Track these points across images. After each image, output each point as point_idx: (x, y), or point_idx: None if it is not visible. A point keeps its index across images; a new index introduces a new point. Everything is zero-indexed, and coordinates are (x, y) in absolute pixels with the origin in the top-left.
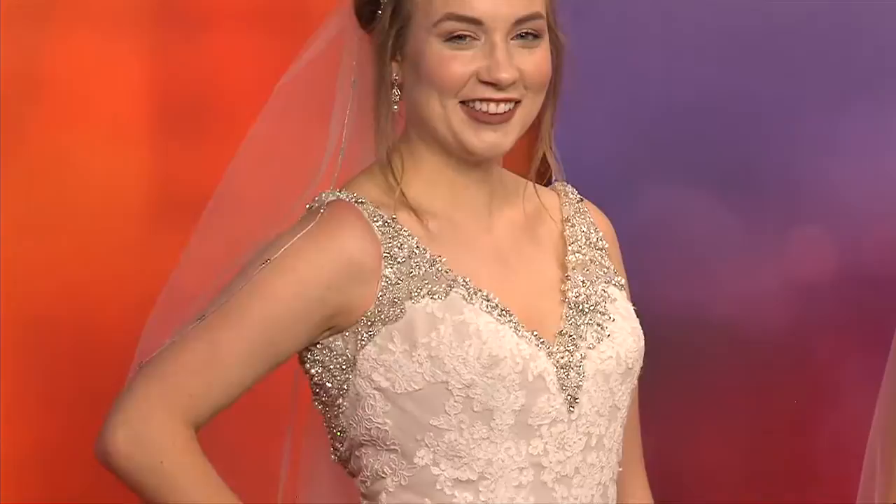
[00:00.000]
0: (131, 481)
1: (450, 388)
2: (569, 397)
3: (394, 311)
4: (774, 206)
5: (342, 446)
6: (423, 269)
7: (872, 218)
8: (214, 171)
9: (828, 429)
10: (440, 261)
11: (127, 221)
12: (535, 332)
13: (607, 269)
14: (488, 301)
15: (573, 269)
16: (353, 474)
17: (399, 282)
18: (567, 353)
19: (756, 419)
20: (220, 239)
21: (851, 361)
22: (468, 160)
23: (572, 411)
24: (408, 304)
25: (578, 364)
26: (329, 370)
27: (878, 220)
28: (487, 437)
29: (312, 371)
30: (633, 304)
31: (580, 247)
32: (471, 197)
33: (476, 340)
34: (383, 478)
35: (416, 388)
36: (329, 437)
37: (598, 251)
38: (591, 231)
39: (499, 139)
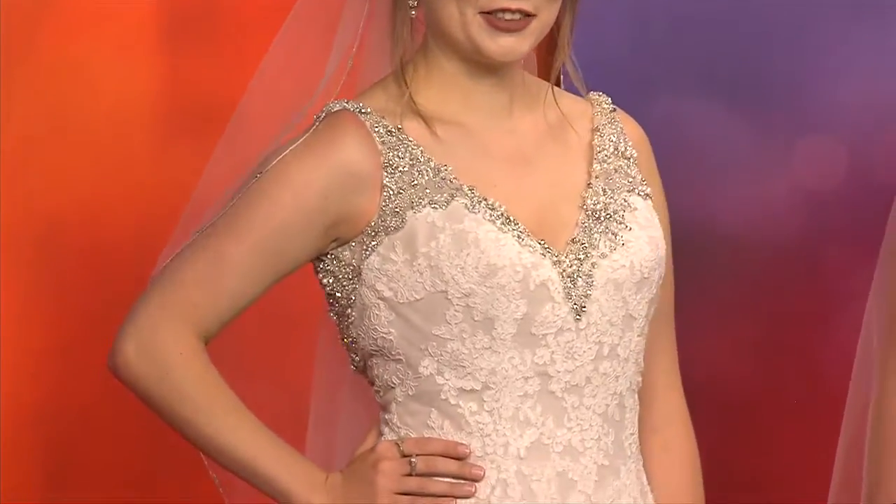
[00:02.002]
0: (140, 392)
1: (449, 297)
2: (575, 306)
3: (395, 220)
4: (783, 116)
5: (357, 357)
6: (426, 178)
7: (881, 126)
8: (226, 81)
9: (836, 337)
10: (445, 169)
11: (138, 132)
12: (542, 241)
13: (633, 178)
14: (493, 210)
15: (596, 177)
16: (371, 384)
17: (401, 191)
18: (577, 261)
19: (763, 328)
20: (241, 155)
21: (859, 270)
22: (484, 65)
23: (580, 320)
24: (409, 213)
25: (588, 273)
26: (338, 280)
27: (887, 128)
28: (490, 347)
29: (324, 281)
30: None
31: (607, 156)
32: (487, 102)
33: (474, 249)
34: (393, 388)
35: (418, 297)
36: (345, 347)
37: (625, 160)
38: (621, 140)
39: (514, 44)
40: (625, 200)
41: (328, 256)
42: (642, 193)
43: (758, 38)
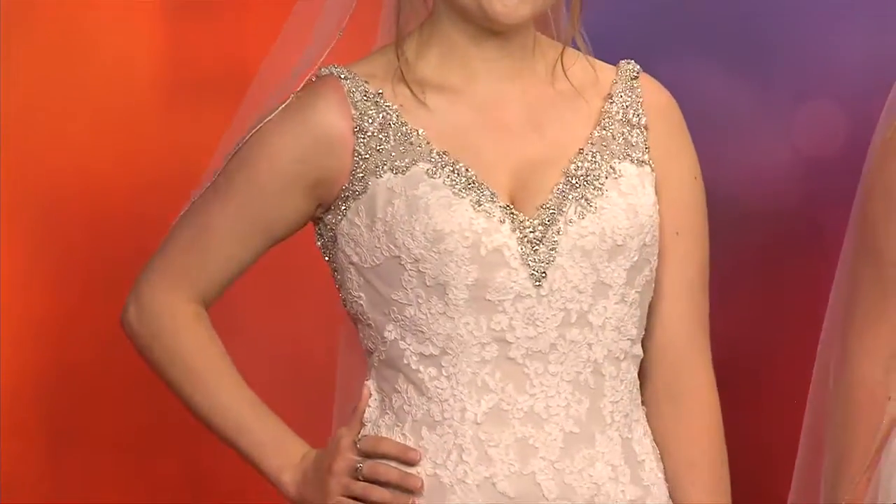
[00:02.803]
0: (142, 353)
1: (402, 262)
2: (535, 273)
3: (361, 185)
4: (784, 80)
5: (351, 320)
6: (393, 143)
7: (882, 91)
8: (228, 47)
9: None
10: (418, 134)
11: (140, 99)
12: (509, 206)
13: (633, 145)
14: (457, 175)
15: (591, 143)
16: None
17: (368, 156)
18: (542, 227)
19: (764, 293)
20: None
21: None
22: (489, 31)
23: (540, 286)
24: (372, 179)
25: (553, 239)
26: (325, 245)
27: (888, 93)
28: (444, 312)
29: (318, 244)
30: None
31: (610, 122)
32: (488, 68)
33: (423, 215)
34: (371, 352)
35: (377, 262)
36: None
37: (630, 128)
38: (632, 108)
39: (519, 5)
40: (611, 167)
41: (319, 221)
42: (637, 161)
43: (758, 4)
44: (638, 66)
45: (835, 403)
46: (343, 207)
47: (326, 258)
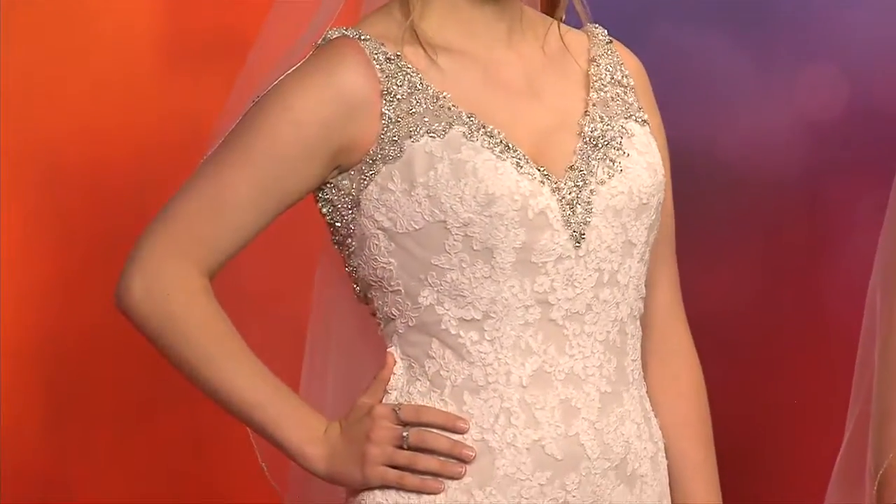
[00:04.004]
0: (146, 330)
1: (448, 226)
2: (574, 234)
3: (394, 149)
4: (786, 44)
5: (358, 287)
6: (424, 106)
7: (884, 56)
8: (228, 11)
9: (837, 267)
10: (444, 97)
11: (140, 63)
12: (541, 168)
13: (630, 105)
14: (491, 137)
15: (593, 105)
16: (373, 316)
17: (399, 120)
18: (576, 188)
19: (765, 257)
20: (261, 87)
21: (861, 200)
22: None
23: (579, 247)
24: (407, 142)
25: (587, 200)
26: (337, 209)
27: (889, 59)
28: (489, 276)
29: (324, 210)
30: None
31: (603, 84)
32: (487, 30)
33: (472, 178)
34: (393, 319)
35: (417, 227)
36: (349, 278)
37: (622, 88)
38: (617, 70)
39: None
40: (622, 127)
41: (328, 185)
42: (639, 120)
43: None
44: (606, 31)
45: (881, 363)
46: (370, 172)
47: (337, 223)
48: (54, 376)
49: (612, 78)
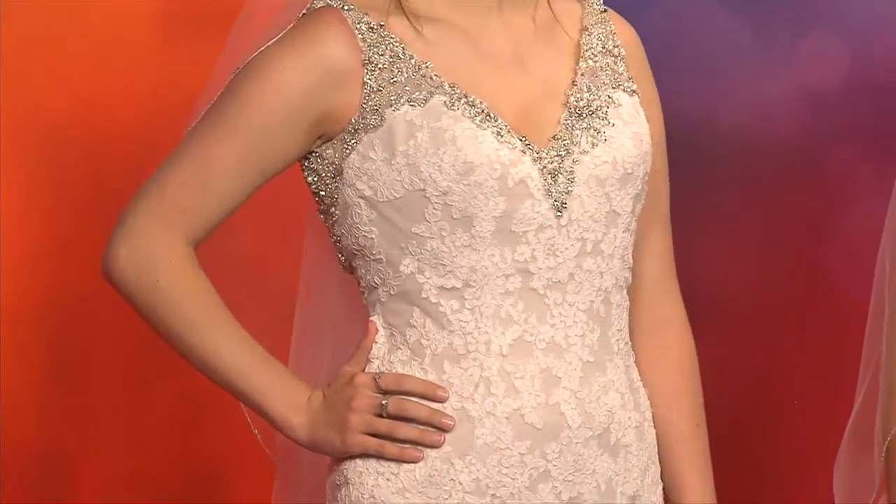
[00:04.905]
0: (131, 299)
1: (427, 195)
2: (556, 203)
3: (375, 118)
4: (786, 13)
5: (343, 256)
6: (406, 75)
7: (885, 24)
8: None
9: (839, 236)
10: (426, 66)
11: (138, 30)
12: (523, 138)
13: (619, 74)
14: (473, 106)
15: (582, 75)
16: (358, 285)
17: (380, 89)
18: (558, 158)
19: (766, 226)
20: (250, 51)
21: (861, 169)
22: None
23: (560, 217)
24: (388, 111)
25: (569, 169)
26: (322, 179)
27: (889, 26)
28: (469, 245)
29: (309, 179)
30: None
31: (594, 54)
32: (476, 1)
33: (451, 147)
34: (375, 288)
35: (397, 196)
36: (333, 246)
37: (613, 58)
38: (609, 39)
39: None
40: (609, 97)
41: (313, 154)
42: (628, 90)
43: None
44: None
45: (890, 330)
46: (352, 141)
47: (321, 192)
48: (52, 342)
49: (604, 47)
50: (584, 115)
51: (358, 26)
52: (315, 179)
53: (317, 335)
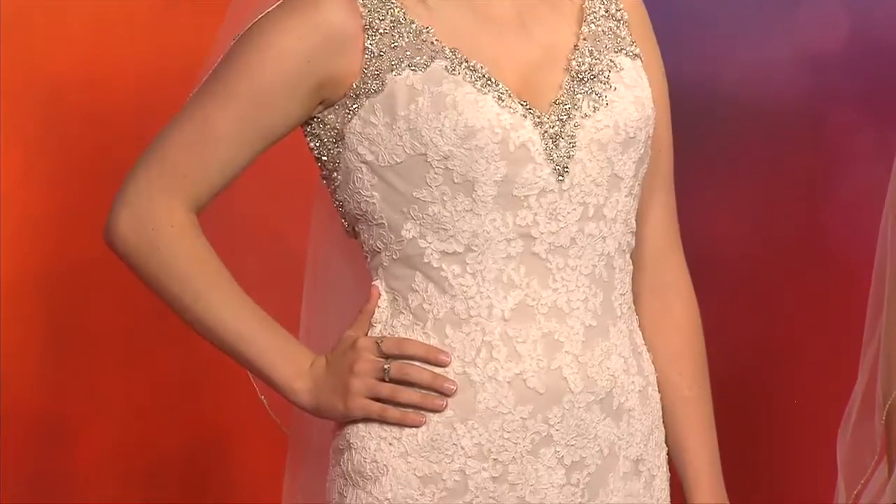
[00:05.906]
0: (133, 265)
1: (429, 160)
2: (557, 167)
3: (376, 83)
4: None
5: (346, 221)
6: (407, 39)
7: None
8: None
9: (839, 199)
10: (427, 31)
11: None
12: (525, 102)
13: (622, 38)
14: (474, 71)
15: (584, 39)
16: (362, 249)
17: (381, 54)
18: (559, 122)
19: (766, 189)
20: (252, 17)
21: (861, 131)
22: None
23: (562, 181)
24: (389, 76)
25: (571, 134)
26: (324, 144)
27: None
28: (471, 209)
29: (311, 145)
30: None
31: (596, 18)
32: None
33: (452, 112)
34: (378, 252)
35: (398, 160)
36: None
37: (615, 22)
38: (612, 3)
39: None
40: (611, 61)
41: (315, 120)
42: (631, 54)
43: None
44: None
45: (892, 293)
46: (354, 106)
47: (324, 157)
48: (53, 309)
49: (607, 11)
50: (586, 79)
51: None
52: (317, 145)
53: (326, 302)
